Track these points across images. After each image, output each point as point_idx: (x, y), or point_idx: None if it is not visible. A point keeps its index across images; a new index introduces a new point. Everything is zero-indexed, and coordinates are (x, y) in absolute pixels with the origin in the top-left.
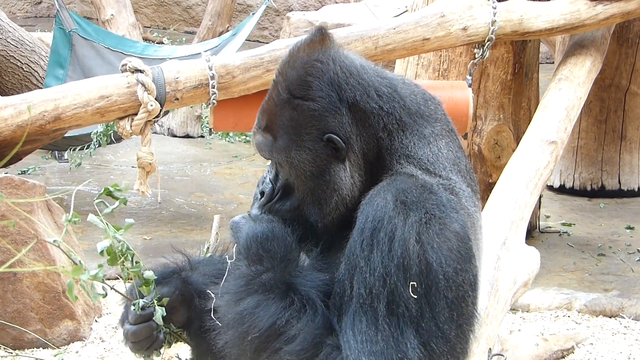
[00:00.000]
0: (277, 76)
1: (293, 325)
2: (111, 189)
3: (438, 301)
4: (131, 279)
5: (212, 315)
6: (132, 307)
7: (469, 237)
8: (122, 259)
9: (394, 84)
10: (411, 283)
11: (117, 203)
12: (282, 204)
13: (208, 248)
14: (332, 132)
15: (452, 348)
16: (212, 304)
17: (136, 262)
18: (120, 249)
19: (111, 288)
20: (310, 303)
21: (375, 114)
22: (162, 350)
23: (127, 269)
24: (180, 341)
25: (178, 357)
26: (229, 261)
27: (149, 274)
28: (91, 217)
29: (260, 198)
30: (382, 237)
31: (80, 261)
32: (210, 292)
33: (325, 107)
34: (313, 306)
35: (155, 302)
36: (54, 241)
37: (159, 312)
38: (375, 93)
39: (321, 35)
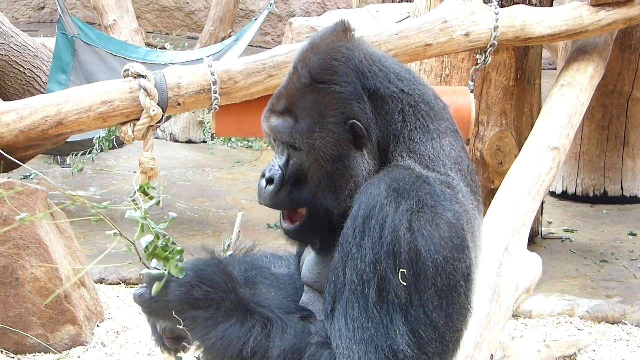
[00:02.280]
0: (297, 62)
1: (263, 343)
2: (145, 187)
3: (427, 289)
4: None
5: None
6: None
7: (463, 228)
8: (166, 254)
9: (412, 72)
10: (400, 270)
11: (152, 202)
12: (294, 191)
13: (229, 245)
14: (355, 118)
15: (441, 336)
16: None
17: (180, 258)
18: (162, 244)
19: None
20: (273, 318)
21: (395, 97)
22: (187, 349)
23: (170, 265)
24: None
25: (197, 357)
26: (180, 327)
27: None
28: (129, 213)
29: (266, 185)
30: (374, 224)
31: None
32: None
33: (350, 92)
34: (277, 321)
35: None
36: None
37: None
38: (395, 77)
39: (344, 26)
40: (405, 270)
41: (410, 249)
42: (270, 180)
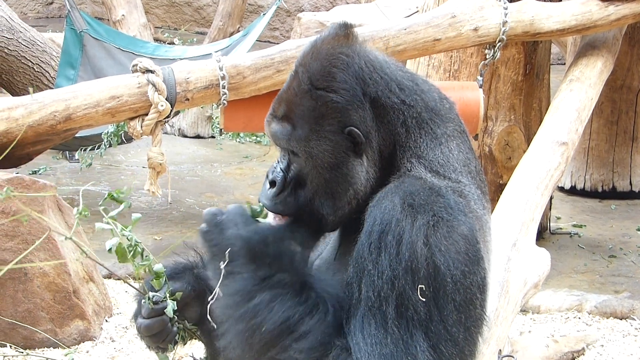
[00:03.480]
0: (298, 67)
1: (305, 322)
2: (114, 194)
3: (446, 304)
4: (141, 277)
5: (209, 316)
6: (144, 301)
7: (477, 240)
8: (131, 254)
9: (415, 78)
10: (419, 286)
11: (122, 206)
12: (294, 196)
13: None
14: (353, 125)
15: (460, 351)
16: (210, 305)
17: (146, 257)
18: (129, 244)
19: (124, 282)
20: (323, 302)
21: (397, 108)
22: (176, 347)
23: (138, 264)
24: (195, 339)
25: (192, 356)
26: (222, 266)
27: (159, 267)
28: (98, 225)
29: (269, 188)
30: (390, 240)
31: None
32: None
33: (349, 100)
34: (325, 305)
35: (167, 295)
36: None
37: (170, 306)
38: (397, 87)
39: (346, 30)
40: (424, 286)
41: (429, 265)
42: (272, 183)
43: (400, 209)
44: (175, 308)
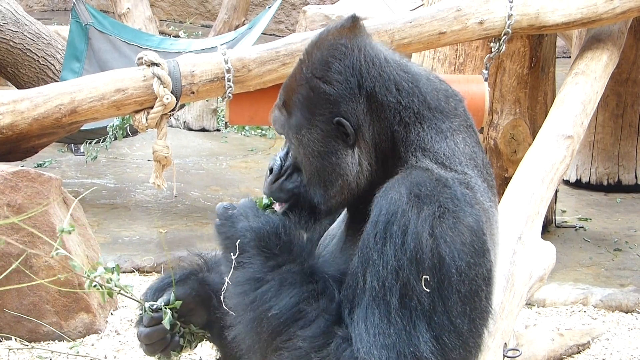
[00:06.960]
0: (303, 55)
1: (312, 309)
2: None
3: (450, 295)
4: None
5: (223, 302)
6: (141, 311)
7: (483, 232)
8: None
9: (417, 79)
10: (424, 277)
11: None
12: (290, 182)
13: None
14: (343, 116)
15: (464, 342)
16: (223, 293)
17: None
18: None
19: (125, 293)
20: (330, 290)
21: (392, 107)
22: (180, 354)
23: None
24: (206, 340)
25: (201, 358)
26: (233, 257)
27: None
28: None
29: (269, 175)
30: (395, 230)
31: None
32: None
33: (342, 91)
34: (331, 294)
35: (163, 305)
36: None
37: (168, 315)
38: (394, 87)
39: (352, 22)
40: (428, 277)
41: (434, 255)
42: (271, 170)
43: (407, 199)
44: (172, 319)
